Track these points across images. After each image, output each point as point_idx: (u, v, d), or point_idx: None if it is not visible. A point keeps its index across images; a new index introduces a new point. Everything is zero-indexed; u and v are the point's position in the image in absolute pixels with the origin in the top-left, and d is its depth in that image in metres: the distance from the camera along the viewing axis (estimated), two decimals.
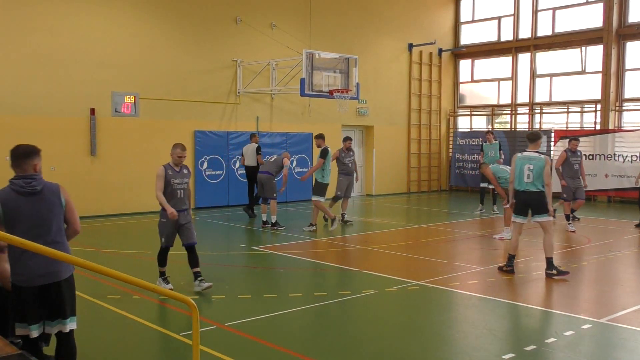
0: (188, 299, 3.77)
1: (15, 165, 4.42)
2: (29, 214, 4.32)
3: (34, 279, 4.31)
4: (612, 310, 7.11)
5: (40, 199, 4.37)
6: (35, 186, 4.37)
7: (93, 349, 5.47)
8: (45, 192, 4.40)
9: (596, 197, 19.57)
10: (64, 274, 4.40)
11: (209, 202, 16.75)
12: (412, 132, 22.31)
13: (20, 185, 4.34)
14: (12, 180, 4.39)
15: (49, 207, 4.39)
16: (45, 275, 4.32)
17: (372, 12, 20.67)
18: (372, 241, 11.82)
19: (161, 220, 7.72)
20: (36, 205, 4.35)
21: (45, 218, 4.37)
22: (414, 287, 8.06)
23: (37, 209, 4.35)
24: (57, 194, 4.46)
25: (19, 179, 4.37)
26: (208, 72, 16.75)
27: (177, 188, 7.63)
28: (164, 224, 7.70)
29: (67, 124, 14.36)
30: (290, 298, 7.54)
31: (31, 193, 4.35)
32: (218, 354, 5.45)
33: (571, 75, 20.84)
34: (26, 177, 4.38)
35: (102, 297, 7.34)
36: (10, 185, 4.38)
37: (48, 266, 4.32)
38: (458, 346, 5.97)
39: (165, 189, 7.54)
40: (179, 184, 7.64)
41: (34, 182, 4.37)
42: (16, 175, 4.41)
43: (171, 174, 7.61)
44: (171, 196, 7.57)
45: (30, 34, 13.78)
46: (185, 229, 7.69)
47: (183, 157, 7.72)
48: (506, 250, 10.93)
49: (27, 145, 4.53)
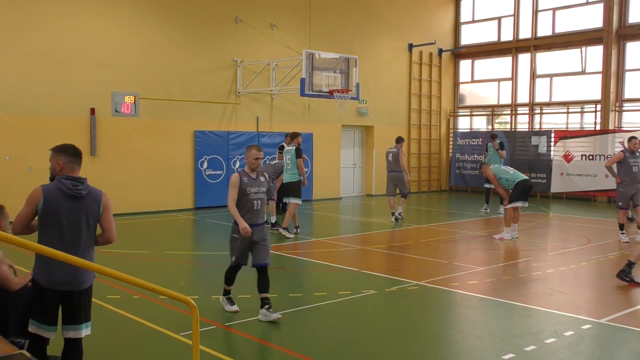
0: (188, 299, 3.77)
1: (74, 163, 4.37)
2: (66, 217, 4.27)
3: (57, 284, 4.29)
4: (612, 310, 7.11)
5: (82, 204, 4.31)
6: (82, 190, 4.30)
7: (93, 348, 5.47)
8: (88, 199, 4.33)
9: (596, 198, 19.57)
10: (85, 284, 4.37)
11: (209, 202, 16.74)
12: (412, 132, 22.31)
13: (68, 187, 4.27)
14: (60, 178, 4.30)
15: (87, 214, 4.33)
16: (68, 283, 4.29)
17: (372, 12, 20.67)
18: (372, 241, 11.82)
19: (233, 235, 6.78)
20: (76, 210, 4.29)
21: (80, 224, 4.31)
22: (414, 287, 8.06)
23: (76, 213, 4.29)
24: (98, 201, 4.38)
25: (68, 179, 4.30)
26: (208, 72, 16.75)
27: (253, 198, 6.59)
28: (236, 240, 6.75)
29: (67, 124, 14.35)
30: (290, 298, 7.54)
31: (75, 197, 4.28)
32: (218, 354, 5.45)
33: (571, 75, 20.84)
34: (75, 179, 4.32)
35: (102, 297, 7.33)
36: (57, 183, 4.29)
37: (72, 274, 4.28)
38: (458, 346, 5.97)
39: (239, 199, 6.53)
40: (256, 193, 6.60)
41: (80, 187, 4.30)
42: (65, 174, 4.33)
43: (247, 181, 6.56)
44: (247, 208, 6.56)
45: (31, 33, 13.78)
46: (259, 247, 6.70)
47: (260, 160, 6.68)
48: (506, 250, 10.96)
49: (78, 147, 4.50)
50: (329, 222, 14.86)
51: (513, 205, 11.65)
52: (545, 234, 13.35)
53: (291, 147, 12.28)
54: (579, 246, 11.31)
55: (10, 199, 13.11)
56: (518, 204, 11.67)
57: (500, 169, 12.11)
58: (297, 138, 12.46)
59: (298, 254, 10.56)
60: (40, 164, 13.75)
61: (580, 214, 16.26)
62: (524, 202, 11.69)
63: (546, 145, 20.34)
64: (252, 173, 6.64)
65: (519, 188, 11.64)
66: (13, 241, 3.46)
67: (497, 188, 12.11)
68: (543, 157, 20.36)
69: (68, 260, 3.72)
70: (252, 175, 6.63)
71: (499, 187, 11.98)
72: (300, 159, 12.16)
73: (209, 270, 9.56)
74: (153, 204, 15.75)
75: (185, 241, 12.56)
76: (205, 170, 16.69)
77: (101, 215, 4.41)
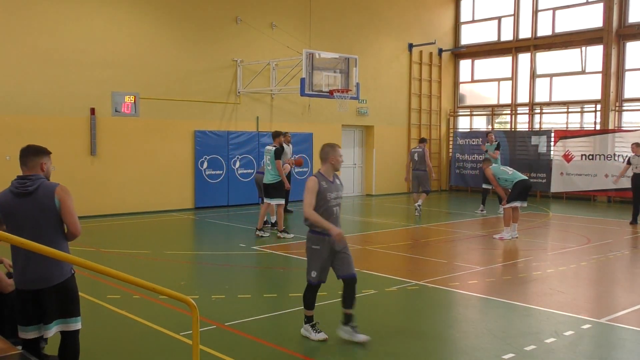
0: (188, 299, 3.77)
1: (21, 163, 4.42)
2: (21, 216, 4.29)
3: (27, 283, 4.31)
4: (612, 310, 7.11)
5: (32, 200, 4.28)
6: (29, 186, 4.30)
7: (93, 348, 5.47)
8: (39, 193, 4.30)
9: (596, 197, 19.57)
10: (55, 280, 4.33)
11: (209, 202, 16.75)
12: (412, 132, 22.31)
13: (15, 186, 4.32)
14: (14, 180, 4.39)
15: (40, 209, 4.29)
16: (36, 281, 4.30)
17: (372, 12, 20.67)
18: (372, 241, 11.82)
19: (312, 247, 5.94)
20: (28, 206, 4.28)
21: (37, 220, 4.29)
22: (414, 287, 8.06)
23: (28, 210, 4.28)
24: (50, 195, 4.31)
25: (17, 179, 4.36)
26: (208, 72, 16.75)
27: (333, 205, 5.87)
28: (317, 253, 5.91)
29: (67, 123, 14.36)
30: (290, 298, 7.54)
31: (23, 194, 4.29)
32: (218, 354, 5.45)
33: (571, 75, 20.84)
34: (23, 177, 4.36)
35: (102, 297, 7.33)
36: (10, 185, 4.38)
37: (38, 271, 4.28)
38: (458, 346, 5.97)
39: (317, 205, 5.79)
40: (335, 198, 5.91)
41: (28, 183, 4.31)
42: (18, 175, 4.40)
43: (326, 186, 5.83)
44: (325, 215, 5.79)
45: (31, 34, 13.78)
46: (343, 257, 5.93)
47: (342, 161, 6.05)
48: (506, 250, 10.96)
49: (38, 145, 4.55)
50: None
51: (511, 205, 11.66)
52: (545, 234, 13.35)
53: (272, 147, 12.05)
54: (579, 246, 11.31)
55: None
56: (516, 204, 11.69)
57: (500, 169, 12.11)
58: (279, 138, 12.22)
59: (298, 254, 10.56)
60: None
61: (580, 214, 16.27)
62: (523, 202, 11.75)
63: (546, 145, 20.34)
64: (330, 176, 5.93)
65: (518, 188, 11.67)
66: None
67: (496, 188, 12.14)
68: (543, 157, 20.37)
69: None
70: (330, 178, 5.92)
71: (497, 187, 12.00)
72: (279, 160, 11.86)
73: (209, 270, 9.56)
74: (153, 204, 15.75)
75: (185, 241, 12.56)
76: (205, 170, 16.69)
77: (59, 209, 4.34)
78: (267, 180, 11.96)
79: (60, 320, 4.40)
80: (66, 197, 4.36)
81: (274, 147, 11.98)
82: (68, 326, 4.44)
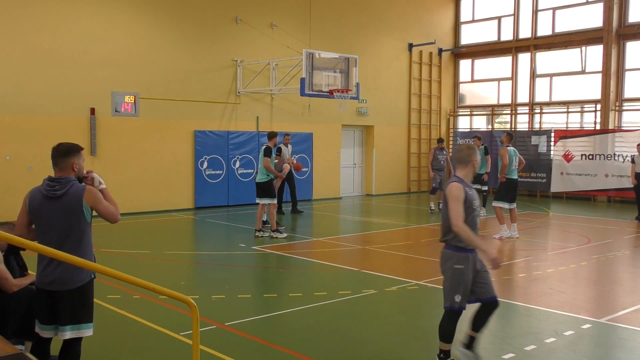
0: (188, 298, 3.77)
1: (53, 164, 4.36)
2: (49, 218, 4.26)
3: (45, 284, 4.33)
4: (612, 310, 7.11)
5: (59, 205, 4.24)
6: (57, 190, 4.24)
7: (93, 348, 5.47)
8: (67, 198, 4.25)
9: (596, 197, 19.57)
10: (70, 284, 4.30)
11: (209, 202, 16.74)
12: (412, 132, 22.31)
13: (45, 188, 4.28)
14: (45, 179, 4.34)
15: (68, 213, 4.26)
16: (53, 282, 4.29)
17: (372, 12, 20.66)
18: (372, 241, 11.82)
19: (455, 266, 5.02)
20: (54, 210, 4.25)
21: (64, 223, 4.25)
22: (414, 287, 8.06)
23: (54, 214, 4.25)
24: (79, 199, 4.25)
25: (48, 180, 4.31)
26: (208, 72, 16.74)
27: (476, 214, 5.11)
28: (461, 273, 5.01)
29: (67, 123, 14.35)
30: (290, 298, 7.54)
31: (52, 197, 4.25)
32: (218, 354, 5.45)
33: (571, 75, 20.84)
34: (53, 179, 4.30)
35: (102, 297, 7.33)
36: (41, 184, 4.33)
37: (55, 274, 4.27)
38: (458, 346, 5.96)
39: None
40: (477, 207, 5.12)
41: (57, 187, 4.25)
42: (49, 177, 4.34)
43: (470, 193, 5.06)
44: (470, 227, 4.95)
45: (31, 33, 13.78)
46: (484, 277, 5.12)
47: None
48: (507, 250, 10.96)
49: (68, 143, 4.45)
50: (329, 221, 14.87)
51: (496, 205, 11.79)
52: (545, 234, 13.35)
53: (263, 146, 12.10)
54: (579, 246, 11.31)
55: (10, 199, 13.17)
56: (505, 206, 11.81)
57: (514, 159, 12.00)
58: (275, 138, 12.20)
59: (298, 254, 10.57)
60: (41, 164, 13.81)
61: (580, 214, 16.27)
62: (511, 203, 11.83)
63: (546, 145, 20.34)
64: (469, 181, 5.17)
65: (505, 185, 11.80)
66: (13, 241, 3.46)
67: (502, 170, 11.95)
68: (543, 157, 20.36)
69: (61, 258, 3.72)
70: (469, 183, 5.16)
71: (504, 169, 11.88)
72: (268, 157, 11.75)
73: (209, 270, 9.57)
74: (153, 204, 15.75)
75: (185, 241, 12.56)
76: (205, 170, 16.68)
77: (88, 213, 4.31)
78: (257, 180, 12.04)
79: (73, 326, 4.37)
80: (95, 197, 4.32)
81: (266, 145, 11.99)
82: (80, 332, 4.39)
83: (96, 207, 4.33)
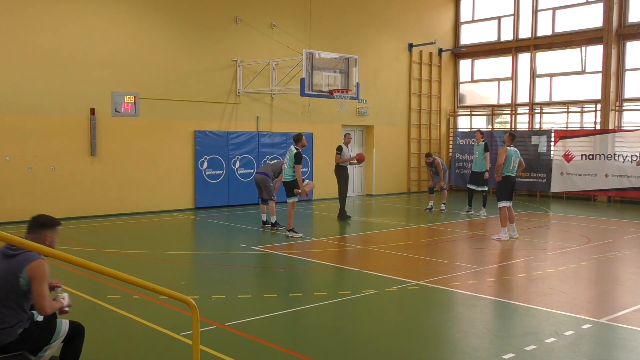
0: (188, 299, 3.77)
1: (27, 231, 4.35)
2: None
3: None
4: (612, 310, 7.11)
5: (7, 265, 4.22)
6: (10, 251, 4.23)
7: (93, 348, 5.47)
8: (16, 260, 4.20)
9: (596, 197, 19.57)
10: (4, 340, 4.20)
11: (209, 202, 16.75)
12: (412, 132, 22.31)
13: (6, 247, 4.27)
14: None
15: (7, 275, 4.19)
16: None
17: (372, 12, 20.67)
18: (372, 241, 11.82)
19: None
20: (2, 267, 4.23)
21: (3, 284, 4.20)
22: (414, 287, 8.06)
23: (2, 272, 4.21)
24: (21, 266, 4.17)
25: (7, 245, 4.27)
26: (208, 72, 16.75)
27: None
28: None
29: (67, 123, 14.35)
30: (290, 298, 7.54)
31: (6, 256, 4.25)
32: (218, 354, 5.45)
33: (571, 75, 20.84)
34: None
35: (102, 297, 7.33)
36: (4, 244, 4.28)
37: None
38: (458, 346, 5.97)
39: None
40: None
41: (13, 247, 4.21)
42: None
43: None
44: None
45: (31, 33, 13.78)
46: None
47: None
48: (506, 250, 10.96)
49: (47, 217, 4.43)
50: (329, 222, 14.87)
51: (500, 205, 11.77)
52: (545, 234, 13.35)
53: (294, 149, 12.18)
54: (579, 246, 11.31)
55: (10, 199, 13.19)
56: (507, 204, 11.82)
57: (512, 159, 11.91)
58: (302, 141, 12.33)
59: (298, 254, 10.56)
60: (41, 164, 13.83)
61: (580, 214, 16.27)
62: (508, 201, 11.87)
63: (546, 145, 20.34)
64: None
65: (503, 184, 11.83)
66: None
67: (497, 169, 11.88)
68: (543, 157, 20.36)
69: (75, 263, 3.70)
70: None
71: (498, 168, 11.81)
72: (298, 165, 12.03)
73: (209, 270, 9.56)
74: (153, 204, 15.75)
75: (185, 241, 12.56)
76: (205, 170, 16.69)
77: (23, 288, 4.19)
78: (284, 179, 12.30)
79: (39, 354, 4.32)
80: (38, 275, 4.17)
81: (296, 150, 12.16)
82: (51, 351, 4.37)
83: (34, 282, 4.17)
